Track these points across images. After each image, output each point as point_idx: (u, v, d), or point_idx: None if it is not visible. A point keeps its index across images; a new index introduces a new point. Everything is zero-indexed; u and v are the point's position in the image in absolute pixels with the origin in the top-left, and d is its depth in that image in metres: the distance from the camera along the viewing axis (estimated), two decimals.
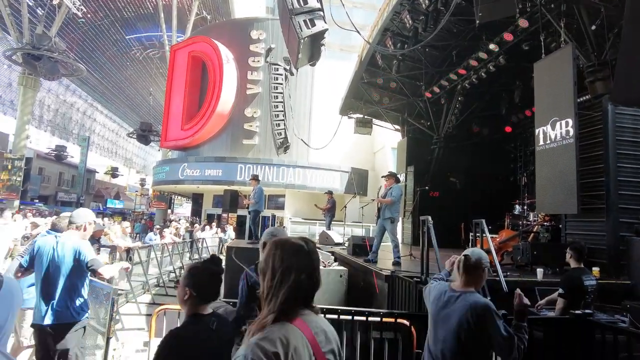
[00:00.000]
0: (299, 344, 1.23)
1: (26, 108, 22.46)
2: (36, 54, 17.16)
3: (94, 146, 43.04)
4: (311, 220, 16.73)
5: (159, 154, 33.55)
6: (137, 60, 29.87)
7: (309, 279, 1.32)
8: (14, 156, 22.38)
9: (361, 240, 7.56)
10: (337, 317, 3.39)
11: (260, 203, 9.28)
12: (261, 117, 19.00)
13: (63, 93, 36.51)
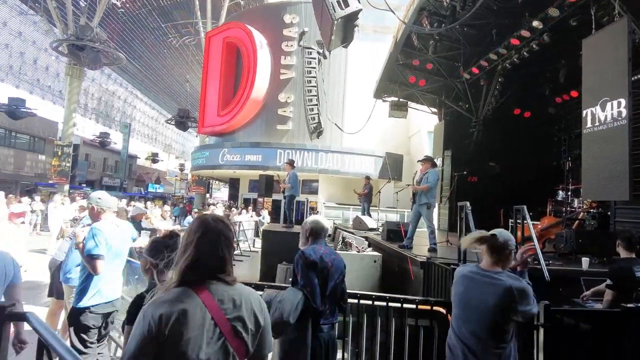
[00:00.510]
0: (192, 307, 1.40)
1: (72, 97, 23.56)
2: (80, 45, 17.86)
3: (135, 133, 44.66)
4: (345, 205, 16.72)
5: (196, 140, 34.42)
6: (173, 48, 30.51)
7: (212, 254, 1.49)
8: (62, 143, 23.61)
9: (396, 225, 7.47)
10: (371, 303, 3.38)
11: (295, 188, 9.35)
12: (295, 102, 19.01)
13: (105, 82, 37.95)
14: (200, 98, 22.28)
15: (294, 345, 2.53)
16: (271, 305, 2.52)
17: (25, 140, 30.69)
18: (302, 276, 2.61)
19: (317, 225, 2.90)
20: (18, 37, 28.47)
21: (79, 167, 31.46)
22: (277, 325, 2.44)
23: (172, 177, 47.72)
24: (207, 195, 31.88)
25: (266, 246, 8.60)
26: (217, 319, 1.43)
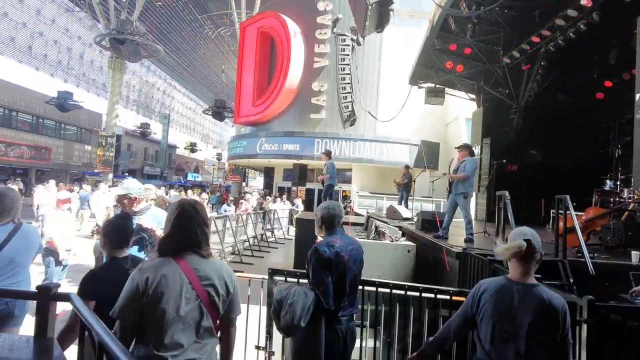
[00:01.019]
0: (171, 272, 1.71)
1: (115, 89, 24.57)
2: (120, 38, 18.51)
3: (174, 123, 46.01)
4: (378, 195, 16.57)
5: (233, 129, 35.06)
6: (209, 39, 31.01)
7: (186, 231, 1.82)
8: (106, 134, 24.71)
9: (431, 215, 7.31)
10: (403, 293, 3.34)
11: (334, 177, 9.36)
12: (328, 91, 18.92)
13: (145, 74, 39.20)
14: (236, 88, 22.60)
15: (306, 344, 2.47)
16: (282, 306, 2.46)
17: (73, 131, 32.38)
18: (314, 274, 2.49)
19: (328, 213, 2.70)
20: (65, 33, 29.86)
21: (122, 156, 32.87)
22: (288, 328, 2.41)
23: (210, 166, 48.99)
24: (243, 184, 32.53)
25: (300, 234, 8.68)
26: (194, 284, 1.74)
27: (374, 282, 3.37)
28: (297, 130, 18.99)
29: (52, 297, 1.63)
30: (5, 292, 1.87)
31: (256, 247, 11.74)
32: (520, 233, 1.97)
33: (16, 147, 26.54)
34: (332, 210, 2.71)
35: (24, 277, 2.72)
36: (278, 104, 19.68)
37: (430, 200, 12.61)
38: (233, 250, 10.20)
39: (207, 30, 29.88)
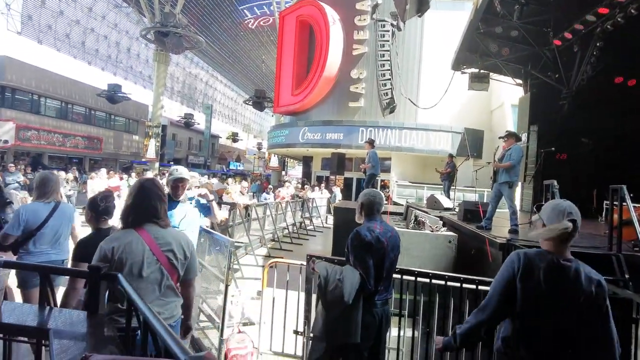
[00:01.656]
0: (133, 241, 2.05)
1: (160, 81, 25.45)
2: (164, 31, 19.07)
3: (217, 113, 47.14)
4: (418, 184, 16.28)
5: (272, 119, 35.47)
6: (249, 29, 31.36)
7: (145, 204, 2.15)
8: (152, 124, 25.71)
9: (474, 205, 7.09)
10: (444, 283, 3.27)
11: (376, 167, 9.28)
12: (367, 78, 18.67)
13: (188, 65, 40.29)
14: (275, 78, 22.78)
15: (341, 321, 2.51)
16: (328, 280, 2.53)
17: (122, 122, 33.97)
18: (356, 257, 2.55)
19: (368, 200, 2.77)
20: (114, 28, 31.18)
21: (167, 146, 34.14)
22: (336, 303, 2.47)
23: (251, 155, 49.94)
24: (283, 173, 32.96)
25: (338, 222, 8.70)
26: (154, 250, 2.07)
27: (413, 272, 3.33)
28: (335, 119, 18.91)
29: (101, 277, 1.73)
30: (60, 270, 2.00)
31: (295, 234, 11.90)
32: (562, 211, 1.82)
33: (72, 138, 28.22)
34: (373, 198, 2.78)
35: (64, 246, 3.43)
36: (317, 93, 19.66)
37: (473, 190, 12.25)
38: (273, 237, 10.39)
39: (247, 21, 30.21)
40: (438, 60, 16.01)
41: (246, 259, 8.30)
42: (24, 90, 25.11)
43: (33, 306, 1.79)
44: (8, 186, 11.65)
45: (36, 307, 1.79)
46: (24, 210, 3.26)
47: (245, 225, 8.69)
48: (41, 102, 26.52)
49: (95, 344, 1.48)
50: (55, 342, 1.43)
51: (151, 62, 29.02)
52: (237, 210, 8.70)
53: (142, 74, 35.60)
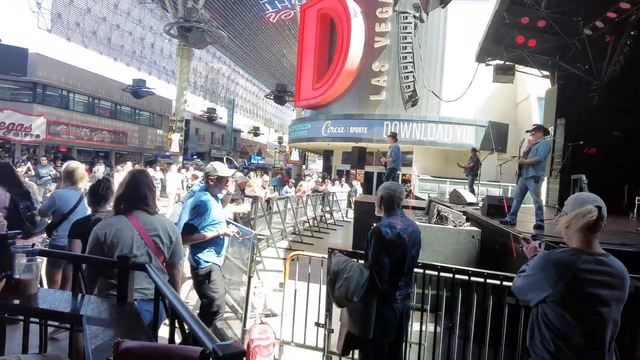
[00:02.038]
0: (124, 227, 2.28)
1: (183, 76, 25.83)
2: (187, 26, 19.30)
3: (238, 108, 47.55)
4: (441, 178, 16.07)
5: (293, 113, 35.55)
6: (271, 23, 31.41)
7: (135, 192, 2.39)
8: (176, 118, 26.15)
9: (498, 200, 6.95)
10: (467, 278, 3.23)
11: (397, 161, 9.18)
12: (389, 71, 18.47)
13: (211, 60, 40.71)
14: (296, 72, 22.79)
15: (357, 317, 2.53)
16: (337, 277, 2.53)
17: (146, 116, 34.68)
18: (373, 254, 2.51)
19: (388, 194, 2.69)
20: (138, 24, 31.75)
21: (190, 140, 34.68)
22: (340, 300, 2.51)
23: (272, 149, 50.26)
24: (303, 167, 33.07)
25: (358, 216, 8.67)
26: (142, 235, 2.29)
27: (436, 267, 3.30)
28: (356, 112, 18.82)
29: (130, 266, 1.78)
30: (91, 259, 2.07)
31: (316, 228, 11.95)
32: (585, 199, 1.76)
33: (98, 132, 28.99)
34: (393, 191, 2.71)
35: None
36: (337, 86, 19.58)
37: (498, 185, 12.01)
38: (294, 230, 10.46)
39: (268, 15, 30.26)
40: (462, 52, 15.70)
41: (268, 251, 8.39)
42: (54, 86, 25.91)
43: (65, 293, 1.87)
44: (42, 178, 12.10)
45: (68, 294, 1.86)
46: (57, 195, 3.60)
47: (267, 218, 8.78)
48: (70, 97, 27.32)
49: (124, 330, 1.53)
50: (87, 328, 1.49)
51: (174, 57, 29.47)
52: (259, 203, 8.79)
53: (166, 69, 36.19)
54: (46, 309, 1.68)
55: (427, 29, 17.44)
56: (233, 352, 0.89)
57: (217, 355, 0.88)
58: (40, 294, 1.80)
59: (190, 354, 0.91)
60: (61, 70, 26.15)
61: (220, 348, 0.89)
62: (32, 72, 24.13)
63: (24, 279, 1.78)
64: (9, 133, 23.28)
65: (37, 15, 24.07)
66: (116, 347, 0.96)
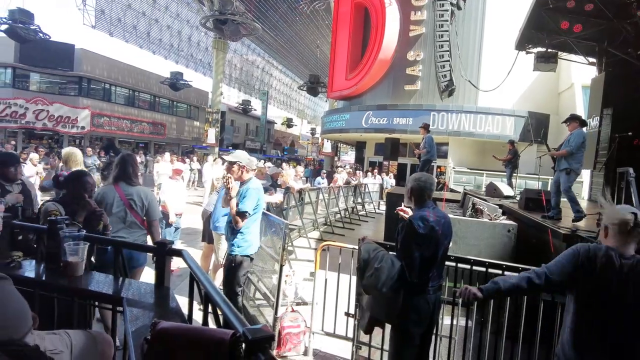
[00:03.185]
0: (110, 193, 3.32)
1: (219, 68, 26.28)
2: (222, 19, 19.59)
3: (272, 99, 47.99)
4: (477, 170, 15.66)
5: (326, 105, 35.50)
6: (304, 14, 31.34)
7: (124, 169, 3.40)
8: (212, 110, 26.73)
9: (536, 194, 6.73)
10: (501, 273, 3.17)
11: (431, 152, 9.04)
12: (424, 60, 18.07)
13: (245, 52, 41.18)
14: (330, 62, 22.69)
15: (384, 304, 2.55)
16: (368, 266, 2.54)
17: (183, 108, 35.68)
18: (404, 247, 2.48)
19: (418, 185, 2.63)
20: (176, 18, 32.51)
21: (226, 131, 35.40)
22: (369, 288, 2.55)
23: (305, 140, 50.52)
24: (335, 158, 33.07)
25: (390, 208, 8.61)
26: (121, 197, 3.31)
27: (469, 260, 3.25)
28: (389, 103, 18.55)
29: (167, 252, 1.87)
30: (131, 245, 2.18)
31: (347, 219, 11.96)
32: (621, 209, 1.86)
33: (139, 124, 30.13)
34: (423, 183, 2.66)
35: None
36: (371, 77, 19.35)
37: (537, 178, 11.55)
38: (325, 221, 10.52)
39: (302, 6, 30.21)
40: (501, 39, 15.12)
41: (299, 241, 8.49)
42: (98, 79, 27.10)
43: (109, 277, 1.98)
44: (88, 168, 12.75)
45: (111, 277, 1.98)
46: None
47: (299, 208, 8.87)
48: (112, 90, 28.50)
49: (161, 312, 1.61)
50: (128, 310, 1.58)
51: (210, 50, 30.02)
52: (291, 194, 8.88)
53: (202, 61, 36.93)
54: (90, 290, 1.80)
55: (464, 16, 16.90)
56: (262, 335, 0.92)
57: (246, 338, 0.92)
58: (85, 276, 1.92)
59: (222, 335, 0.96)
60: (104, 65, 27.28)
61: (250, 331, 0.93)
62: (78, 67, 25.31)
63: (71, 262, 1.91)
64: (57, 125, 24.60)
65: (83, 12, 25.08)
66: (153, 327, 1.02)
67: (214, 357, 0.91)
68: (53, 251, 1.96)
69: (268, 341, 0.92)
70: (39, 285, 1.84)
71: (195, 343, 0.96)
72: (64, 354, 1.40)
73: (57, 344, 1.39)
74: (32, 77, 25.22)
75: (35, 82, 25.44)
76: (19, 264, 1.91)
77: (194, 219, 8.62)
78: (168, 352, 0.97)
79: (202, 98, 36.06)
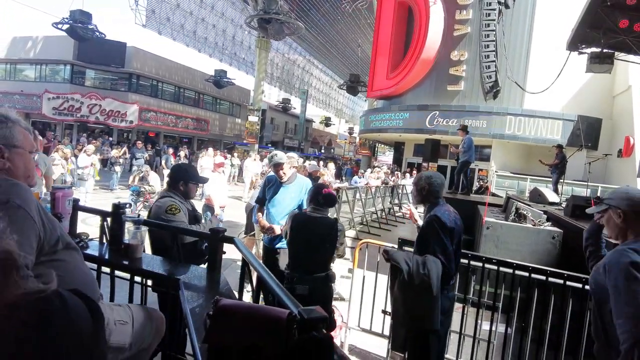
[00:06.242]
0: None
1: (261, 67, 26.76)
2: (266, 18, 19.93)
3: (311, 98, 48.30)
4: (521, 175, 15.12)
5: (365, 104, 35.33)
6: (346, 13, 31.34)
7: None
8: (253, 108, 27.27)
9: (584, 201, 6.43)
10: (544, 278, 3.09)
11: (469, 153, 8.87)
12: (468, 60, 17.63)
13: (287, 51, 41.67)
14: (371, 61, 22.58)
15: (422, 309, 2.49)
16: (412, 274, 2.43)
17: (226, 106, 36.62)
18: (437, 243, 2.46)
19: (430, 183, 2.64)
20: (221, 17, 33.40)
21: (266, 129, 36.02)
22: (422, 296, 2.43)
23: (342, 139, 50.53)
24: (372, 159, 32.86)
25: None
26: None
27: (511, 264, 3.20)
28: (431, 103, 18.23)
29: (220, 239, 1.98)
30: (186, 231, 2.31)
31: (383, 220, 11.91)
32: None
33: (183, 119, 31.22)
34: (434, 180, 2.68)
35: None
36: (412, 76, 19.09)
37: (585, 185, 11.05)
38: (361, 221, 10.53)
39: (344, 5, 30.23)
40: (550, 39, 14.52)
41: None
42: (146, 76, 28.34)
43: (165, 260, 2.13)
44: (137, 160, 13.43)
45: (168, 261, 2.12)
46: None
47: (336, 207, 8.93)
48: (159, 86, 29.70)
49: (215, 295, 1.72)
50: (185, 291, 1.70)
51: (253, 48, 30.63)
52: None
53: (245, 60, 37.71)
54: (149, 270, 1.94)
55: (512, 15, 16.34)
56: (317, 316, 0.99)
57: (302, 317, 0.99)
58: (145, 258, 2.08)
59: (279, 314, 1.03)
60: (152, 62, 28.48)
61: (305, 312, 1.00)
62: (129, 64, 26.60)
63: (131, 244, 2.06)
64: (108, 119, 25.95)
65: (135, 12, 26.26)
66: (215, 304, 1.11)
67: (272, 333, 0.99)
68: (116, 233, 2.12)
69: (322, 321, 0.98)
70: (103, 262, 2.01)
71: (254, 319, 1.04)
72: (128, 325, 1.52)
73: (123, 314, 1.52)
74: (88, 73, 26.74)
75: (90, 78, 26.95)
76: (86, 244, 2.08)
77: (233, 213, 8.89)
78: (229, 326, 1.05)
79: (244, 96, 36.86)
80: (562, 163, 10.11)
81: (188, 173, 2.82)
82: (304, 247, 2.86)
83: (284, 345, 0.95)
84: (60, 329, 0.79)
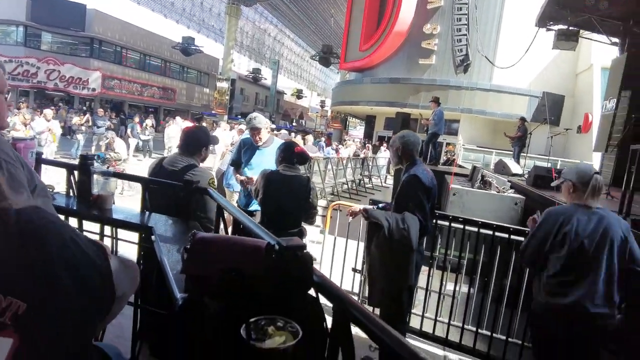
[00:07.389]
0: None
1: (231, 35, 25.91)
2: None
3: (283, 70, 47.40)
4: (486, 149, 15.58)
5: (337, 76, 35.05)
6: None
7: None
8: (222, 77, 26.52)
9: (545, 171, 6.73)
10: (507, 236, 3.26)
11: (439, 125, 9.05)
12: (441, 34, 17.69)
13: (258, 20, 40.41)
14: (344, 33, 22.32)
15: (401, 266, 2.60)
16: (392, 230, 2.48)
17: (194, 74, 35.41)
18: (415, 199, 2.52)
19: (405, 142, 2.68)
20: None
21: (235, 99, 35.20)
22: (402, 252, 2.54)
23: (314, 113, 50.22)
24: (344, 132, 32.94)
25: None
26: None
27: (477, 222, 3.33)
28: (403, 76, 18.31)
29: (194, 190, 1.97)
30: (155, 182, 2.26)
31: (354, 190, 12.07)
32: (586, 168, 2.18)
33: (149, 88, 30.05)
34: (409, 138, 2.73)
35: None
36: (385, 49, 19.03)
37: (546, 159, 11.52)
38: (332, 191, 10.64)
39: None
40: (520, 15, 14.74)
41: None
42: (109, 42, 26.86)
43: (136, 210, 2.09)
44: (99, 128, 12.88)
45: (138, 211, 2.08)
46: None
47: (308, 175, 8.97)
48: (123, 53, 28.26)
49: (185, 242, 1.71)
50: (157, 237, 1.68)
51: (223, 15, 29.50)
52: None
53: (214, 27, 36.35)
54: (120, 219, 1.90)
55: None
56: (296, 244, 1.00)
57: (281, 245, 1.00)
58: (115, 208, 2.03)
59: (258, 243, 1.04)
60: (116, 27, 26.99)
61: (284, 241, 1.02)
62: (90, 28, 25.08)
63: (102, 195, 2.01)
64: (68, 86, 24.61)
65: None
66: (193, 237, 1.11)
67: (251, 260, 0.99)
68: (84, 185, 2.06)
69: (302, 249, 0.99)
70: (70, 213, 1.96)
71: (232, 248, 1.04)
72: None
73: None
74: (44, 36, 25.02)
75: (47, 42, 25.25)
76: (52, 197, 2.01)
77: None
78: (207, 256, 1.05)
79: (212, 65, 35.71)
80: (524, 136, 10.46)
81: (209, 136, 2.69)
82: (277, 205, 2.87)
83: (264, 269, 0.97)
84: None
